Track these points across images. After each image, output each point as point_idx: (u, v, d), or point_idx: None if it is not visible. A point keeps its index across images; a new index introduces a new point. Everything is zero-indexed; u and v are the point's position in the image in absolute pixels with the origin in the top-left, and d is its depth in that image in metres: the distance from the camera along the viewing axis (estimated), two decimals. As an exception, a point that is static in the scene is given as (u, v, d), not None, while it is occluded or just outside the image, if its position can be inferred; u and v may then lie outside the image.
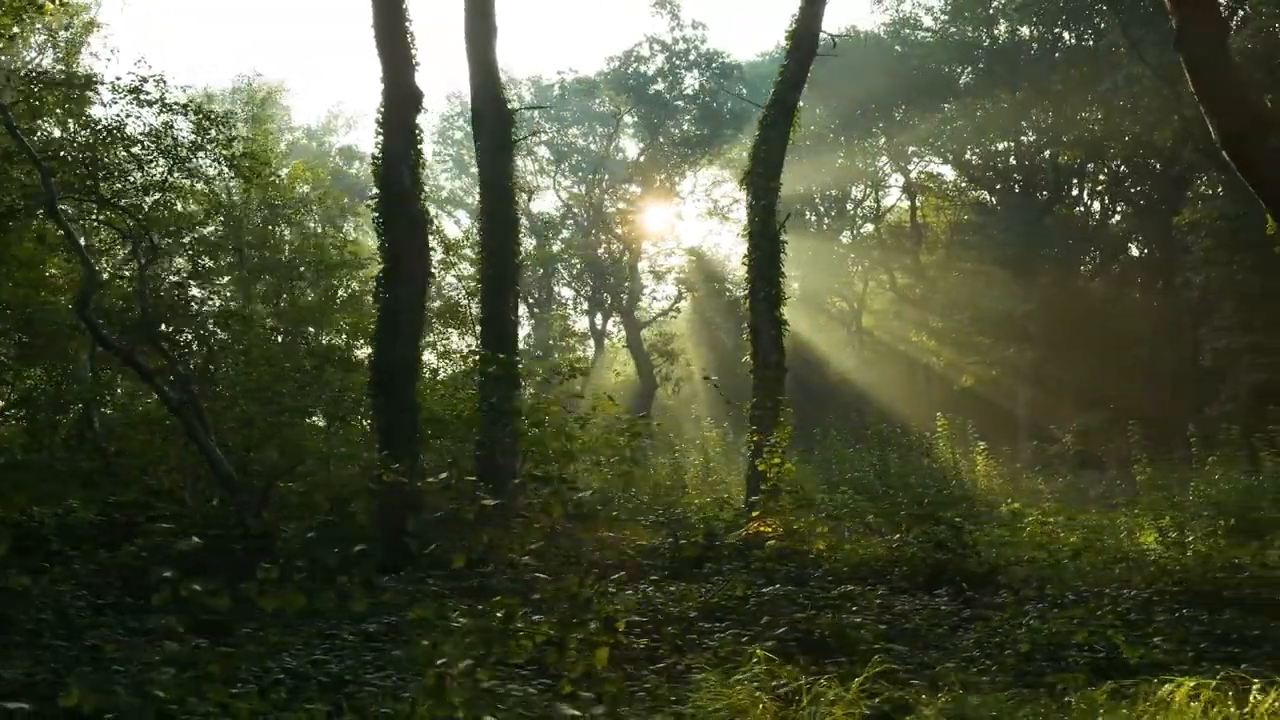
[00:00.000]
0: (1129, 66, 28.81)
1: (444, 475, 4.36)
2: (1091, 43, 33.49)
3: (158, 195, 10.58)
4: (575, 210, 38.80)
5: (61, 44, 19.30)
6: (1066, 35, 35.30)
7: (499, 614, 3.82)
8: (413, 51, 9.92)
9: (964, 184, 40.13)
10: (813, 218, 44.11)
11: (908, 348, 43.24)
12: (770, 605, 7.79)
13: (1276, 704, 3.61)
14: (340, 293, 16.52)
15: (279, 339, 13.94)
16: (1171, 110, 26.97)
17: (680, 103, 34.85)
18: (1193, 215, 28.92)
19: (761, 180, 12.01)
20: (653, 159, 35.97)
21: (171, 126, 10.38)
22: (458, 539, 9.93)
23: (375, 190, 10.18)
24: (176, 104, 10.16)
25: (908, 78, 35.54)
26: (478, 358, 11.63)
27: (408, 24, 9.92)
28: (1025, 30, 36.14)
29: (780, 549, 9.38)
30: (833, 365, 42.36)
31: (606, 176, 37.68)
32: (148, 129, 10.12)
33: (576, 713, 3.68)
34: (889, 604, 8.40)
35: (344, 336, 13.59)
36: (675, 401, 45.44)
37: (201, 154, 10.70)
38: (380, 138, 9.87)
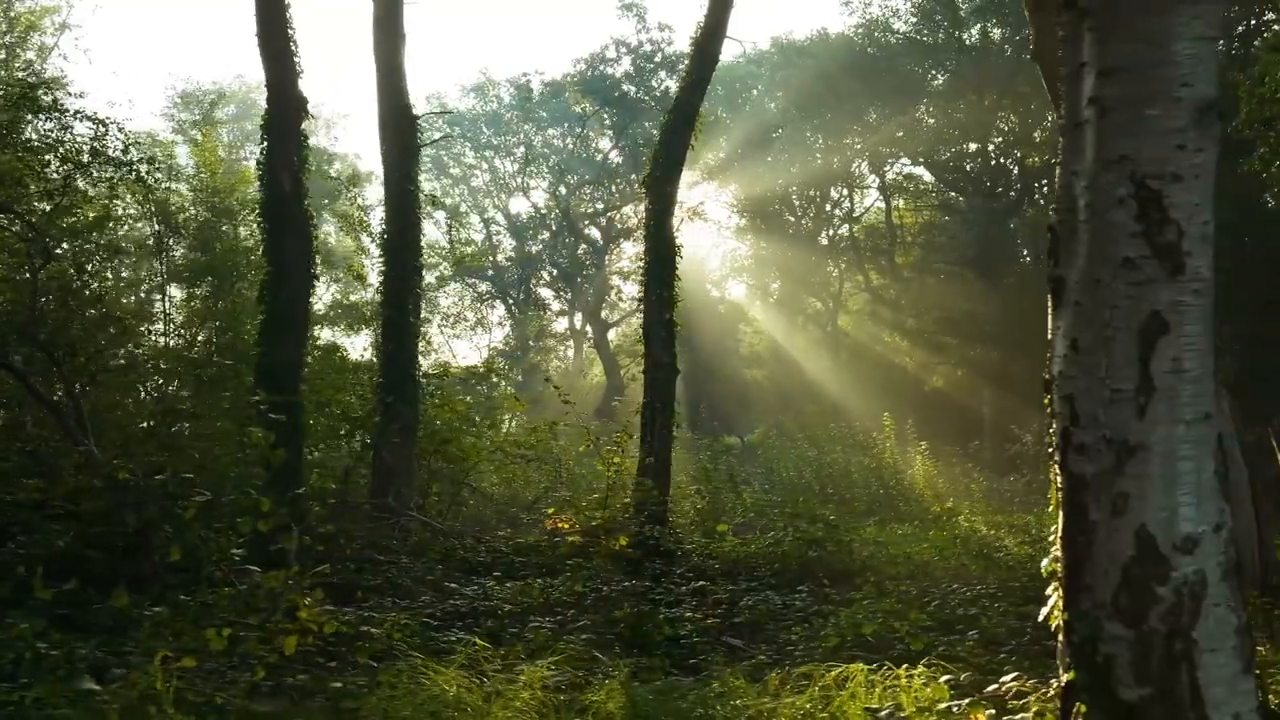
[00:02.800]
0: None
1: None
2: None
3: (58, 200, 10.78)
4: (541, 211, 38.99)
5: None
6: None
7: (198, 605, 4.02)
8: (296, 58, 10.14)
9: (934, 186, 40.29)
10: (791, 218, 44.27)
11: (882, 348, 43.44)
12: (613, 601, 7.98)
13: (926, 691, 3.80)
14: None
15: (196, 344, 14.16)
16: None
17: (650, 104, 35.04)
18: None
19: (659, 184, 12.18)
20: (622, 160, 36.18)
21: (70, 129, 10.62)
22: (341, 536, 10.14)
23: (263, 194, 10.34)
24: (70, 111, 10.39)
25: (879, 80, 35.73)
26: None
27: (291, 30, 10.13)
28: (996, 33, 36.35)
29: (632, 543, 9.57)
30: (807, 366, 42.52)
31: (573, 178, 37.85)
32: (44, 136, 10.32)
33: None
34: (738, 599, 8.61)
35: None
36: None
37: (100, 160, 10.87)
38: (264, 143, 10.08)
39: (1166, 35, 3.19)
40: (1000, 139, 36.21)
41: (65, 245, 10.74)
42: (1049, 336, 3.57)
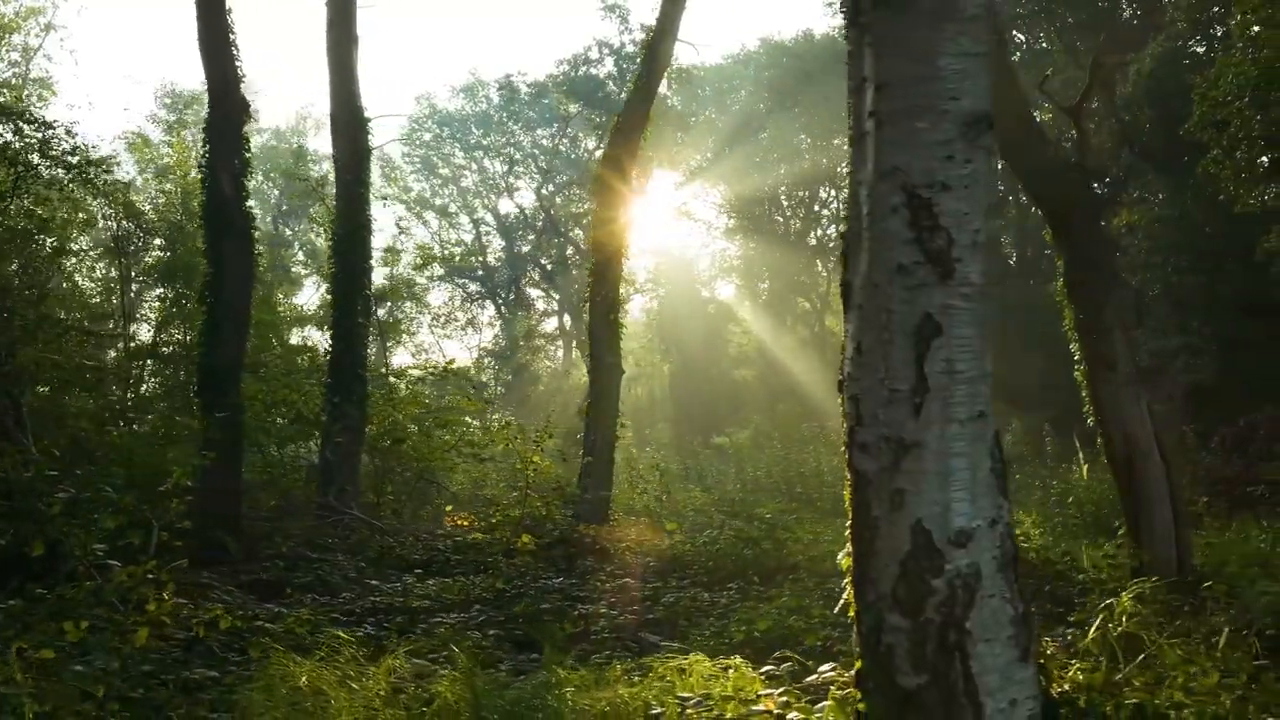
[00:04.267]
0: (1067, 70, 29.20)
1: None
2: (1045, 45, 33.86)
3: (7, 203, 10.95)
4: (526, 212, 39.15)
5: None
6: (1020, 37, 35.61)
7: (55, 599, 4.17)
8: (238, 63, 10.30)
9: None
10: (779, 219, 44.43)
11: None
12: (516, 598, 8.12)
13: (737, 682, 3.95)
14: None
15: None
16: (1109, 114, 27.31)
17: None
18: (1129, 217, 29.23)
19: (606, 187, 12.31)
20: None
21: (20, 133, 10.77)
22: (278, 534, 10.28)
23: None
24: (17, 112, 10.54)
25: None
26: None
27: (232, 35, 10.29)
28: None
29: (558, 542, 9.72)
30: (795, 367, 42.67)
31: (562, 178, 38.02)
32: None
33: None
34: (662, 596, 8.75)
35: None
36: (643, 400, 45.84)
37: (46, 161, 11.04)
38: (206, 146, 10.24)
39: (933, 51, 3.33)
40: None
41: (7, 247, 10.89)
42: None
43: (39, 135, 10.88)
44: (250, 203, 10.34)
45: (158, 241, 17.73)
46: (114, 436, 9.76)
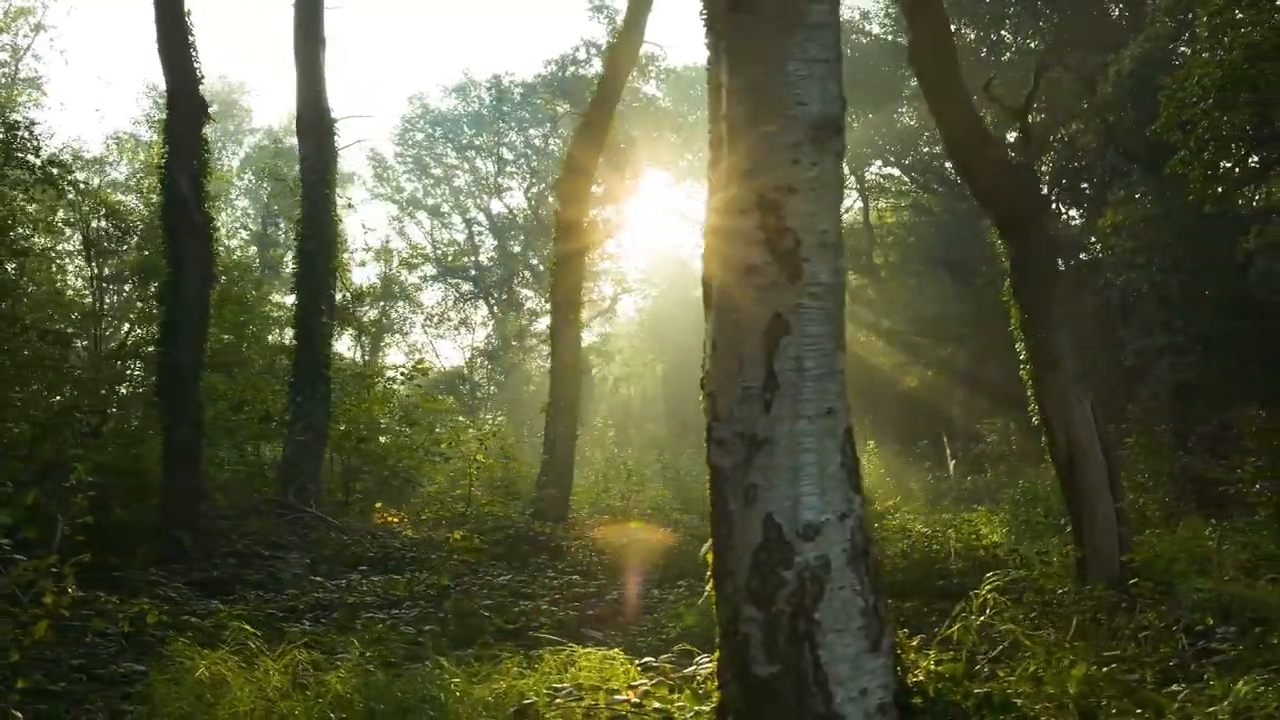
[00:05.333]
0: (1050, 70, 29.27)
1: None
2: (1034, 44, 33.92)
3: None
4: (514, 212, 39.25)
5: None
6: (1008, 37, 35.68)
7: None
8: (196, 64, 10.39)
9: (909, 186, 40.57)
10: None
11: (860, 349, 43.67)
12: (473, 595, 8.22)
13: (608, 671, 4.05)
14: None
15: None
16: (1095, 113, 27.41)
17: (621, 106, 35.26)
18: (1114, 217, 29.32)
19: (569, 190, 12.40)
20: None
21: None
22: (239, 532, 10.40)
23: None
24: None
25: (853, 81, 35.92)
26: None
27: (191, 37, 10.39)
28: (970, 34, 36.51)
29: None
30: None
31: (551, 178, 38.09)
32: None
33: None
34: (604, 592, 8.86)
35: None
36: (635, 399, 45.91)
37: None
38: (165, 147, 10.34)
39: (781, 57, 3.42)
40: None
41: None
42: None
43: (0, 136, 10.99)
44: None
45: (135, 241, 17.83)
46: (71, 438, 9.86)
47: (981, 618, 4.01)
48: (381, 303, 46.41)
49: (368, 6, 73.22)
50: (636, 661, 4.30)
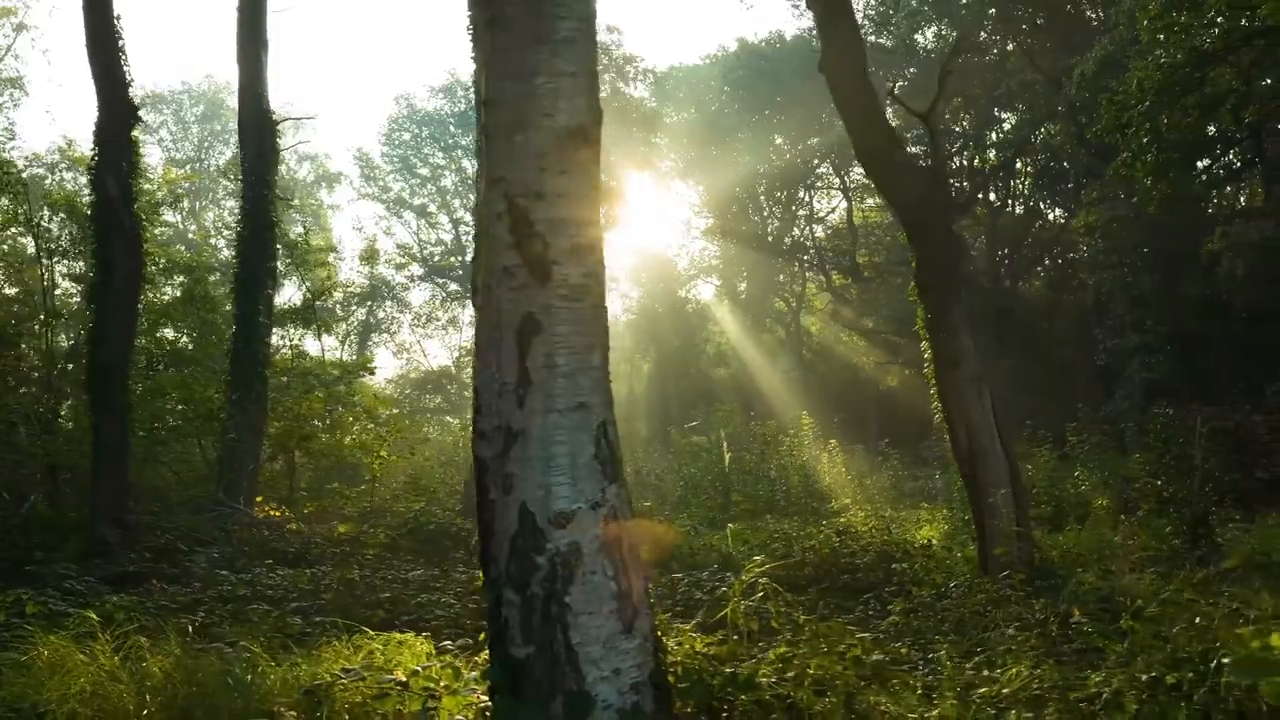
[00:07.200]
0: (1024, 73, 29.46)
1: None
2: (1011, 46, 34.07)
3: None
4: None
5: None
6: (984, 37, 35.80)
7: None
8: (125, 68, 10.60)
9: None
10: (756, 219, 44.66)
11: (843, 348, 43.90)
12: (376, 587, 8.41)
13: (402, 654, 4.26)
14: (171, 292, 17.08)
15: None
16: (1068, 115, 27.55)
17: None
18: (1087, 218, 29.47)
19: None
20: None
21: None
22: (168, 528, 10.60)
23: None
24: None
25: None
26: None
27: (120, 41, 10.58)
28: (952, 35, 36.67)
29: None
30: (770, 366, 42.93)
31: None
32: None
33: None
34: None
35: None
36: (621, 398, 46.08)
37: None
38: (94, 150, 10.54)
39: (531, 71, 3.62)
40: (950, 139, 36.53)
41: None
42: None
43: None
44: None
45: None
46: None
47: (747, 601, 4.20)
48: (369, 303, 46.70)
49: (354, 7, 73.58)
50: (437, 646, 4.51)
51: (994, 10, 33.21)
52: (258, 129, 12.75)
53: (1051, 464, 17.33)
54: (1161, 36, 14.75)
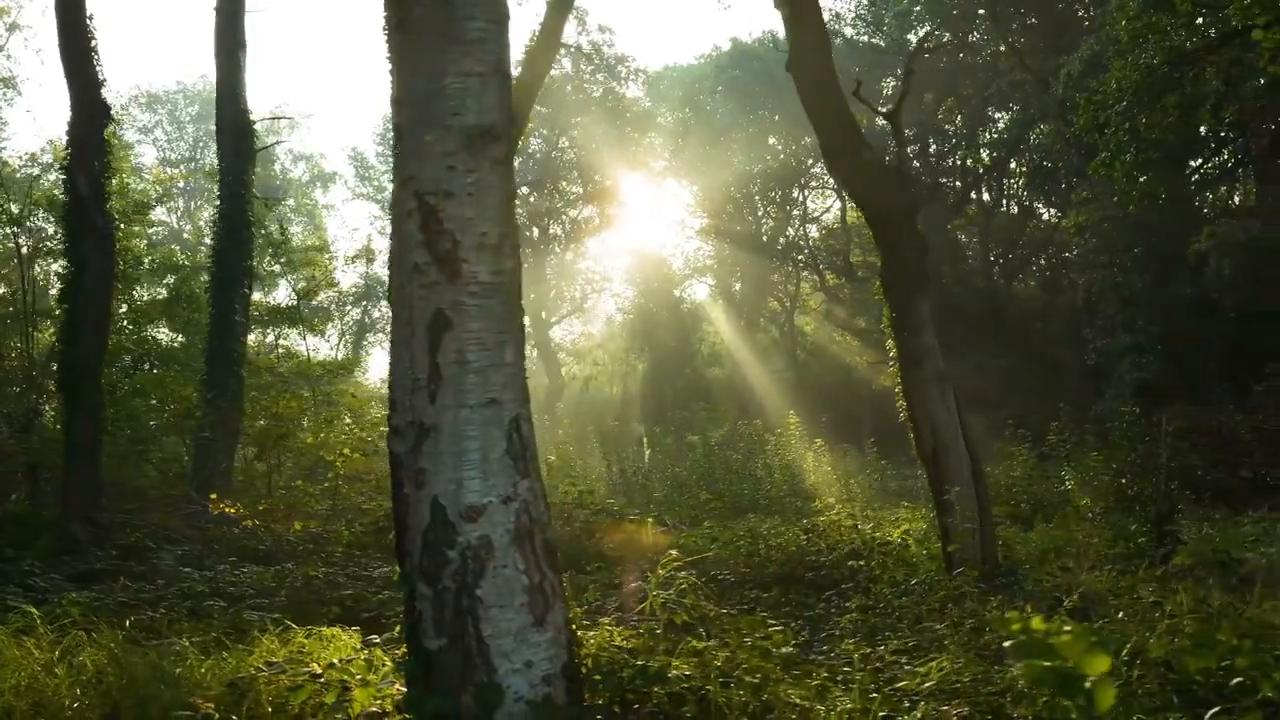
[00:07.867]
0: (1013, 73, 29.51)
1: None
2: (1003, 46, 34.13)
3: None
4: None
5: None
6: (976, 37, 35.85)
7: None
8: (98, 67, 10.65)
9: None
10: (750, 218, 44.70)
11: (836, 348, 43.92)
12: (339, 584, 8.46)
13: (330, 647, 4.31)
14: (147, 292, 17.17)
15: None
16: (1059, 115, 27.59)
17: (590, 105, 35.55)
18: (1078, 217, 29.51)
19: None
20: (561, 161, 36.69)
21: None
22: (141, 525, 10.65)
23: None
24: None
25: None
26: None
27: (93, 41, 10.64)
28: (945, 35, 36.72)
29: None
30: (764, 366, 42.99)
31: (529, 177, 38.35)
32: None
33: None
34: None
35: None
36: (615, 398, 46.15)
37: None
38: (67, 149, 10.61)
39: (440, 70, 3.66)
40: (942, 140, 36.61)
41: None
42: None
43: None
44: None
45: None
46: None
47: (665, 595, 4.25)
48: (364, 303, 46.70)
49: (351, 7, 73.60)
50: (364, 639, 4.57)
51: (984, 10, 33.33)
52: (235, 128, 12.81)
53: (1030, 463, 17.40)
54: (1141, 38, 14.80)
